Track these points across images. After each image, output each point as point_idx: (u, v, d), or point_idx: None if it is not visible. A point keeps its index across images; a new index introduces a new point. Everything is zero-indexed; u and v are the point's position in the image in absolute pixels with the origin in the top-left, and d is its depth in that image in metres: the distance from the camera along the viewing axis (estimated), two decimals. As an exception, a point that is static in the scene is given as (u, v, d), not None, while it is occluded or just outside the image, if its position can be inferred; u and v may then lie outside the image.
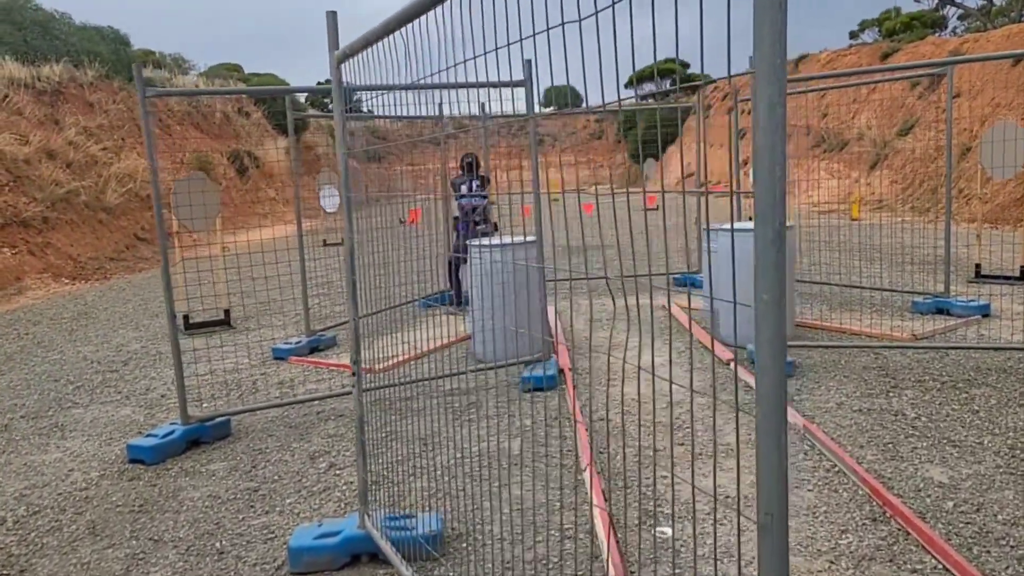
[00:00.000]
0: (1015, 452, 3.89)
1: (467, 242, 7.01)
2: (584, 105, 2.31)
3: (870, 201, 20.41)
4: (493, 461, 4.26)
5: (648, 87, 54.57)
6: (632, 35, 1.57)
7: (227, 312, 8.41)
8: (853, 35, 40.59)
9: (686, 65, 56.32)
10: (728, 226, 6.40)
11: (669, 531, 3.37)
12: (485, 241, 6.33)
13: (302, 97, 50.34)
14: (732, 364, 5.76)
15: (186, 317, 8.13)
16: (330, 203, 17.66)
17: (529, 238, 5.99)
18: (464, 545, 3.34)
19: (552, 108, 59.28)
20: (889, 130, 22.29)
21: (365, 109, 7.83)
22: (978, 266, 8.60)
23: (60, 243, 14.52)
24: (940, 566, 2.92)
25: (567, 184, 51.02)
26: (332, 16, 2.94)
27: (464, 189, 8.08)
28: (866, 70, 14.03)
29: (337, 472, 4.23)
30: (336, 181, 18.52)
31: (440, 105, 8.81)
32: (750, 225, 6.21)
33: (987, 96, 19.10)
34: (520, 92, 5.65)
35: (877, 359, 5.75)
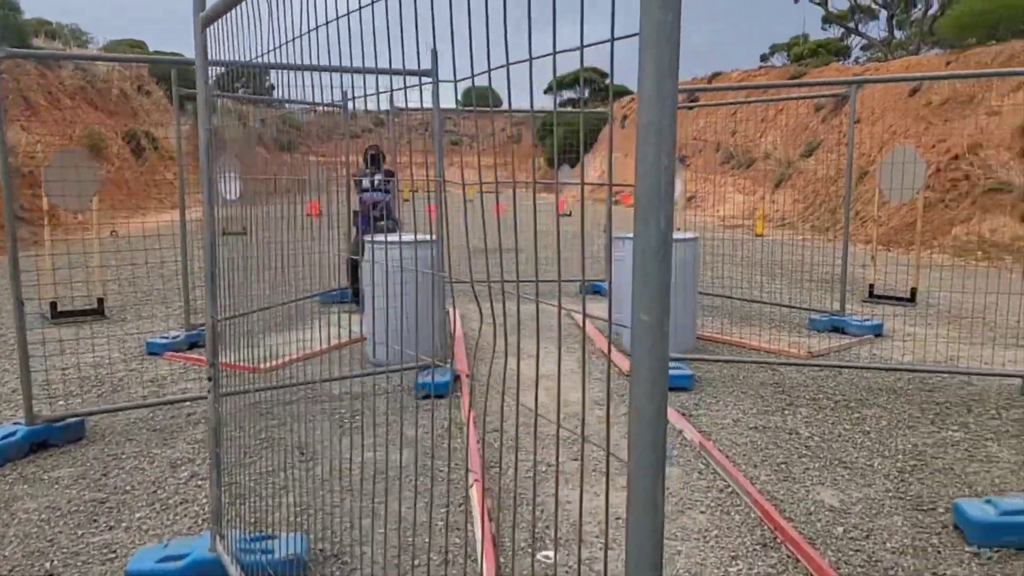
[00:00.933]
0: (904, 476, 3.87)
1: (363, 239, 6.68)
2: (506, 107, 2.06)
3: (774, 218, 21.00)
4: (376, 473, 3.96)
5: (568, 94, 55.02)
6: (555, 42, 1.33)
7: (100, 301, 7.78)
8: (764, 58, 42.08)
9: (604, 75, 57.21)
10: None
11: (552, 556, 3.16)
12: (380, 237, 6.01)
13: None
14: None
15: (53, 304, 7.48)
16: (230, 190, 16.88)
17: (427, 237, 5.71)
18: (331, 570, 3.04)
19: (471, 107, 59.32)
20: (794, 151, 23.02)
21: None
22: (872, 286, 8.81)
23: (-76, 218, 13.32)
24: (830, 598, 2.80)
25: (485, 187, 51.01)
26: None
27: (366, 183, 7.72)
28: (773, 84, 14.37)
29: (200, 483, 3.85)
30: (237, 167, 17.76)
31: (345, 93, 8.44)
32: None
33: (886, 123, 19.93)
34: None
35: (774, 375, 5.72)
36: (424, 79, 5.24)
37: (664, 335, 0.96)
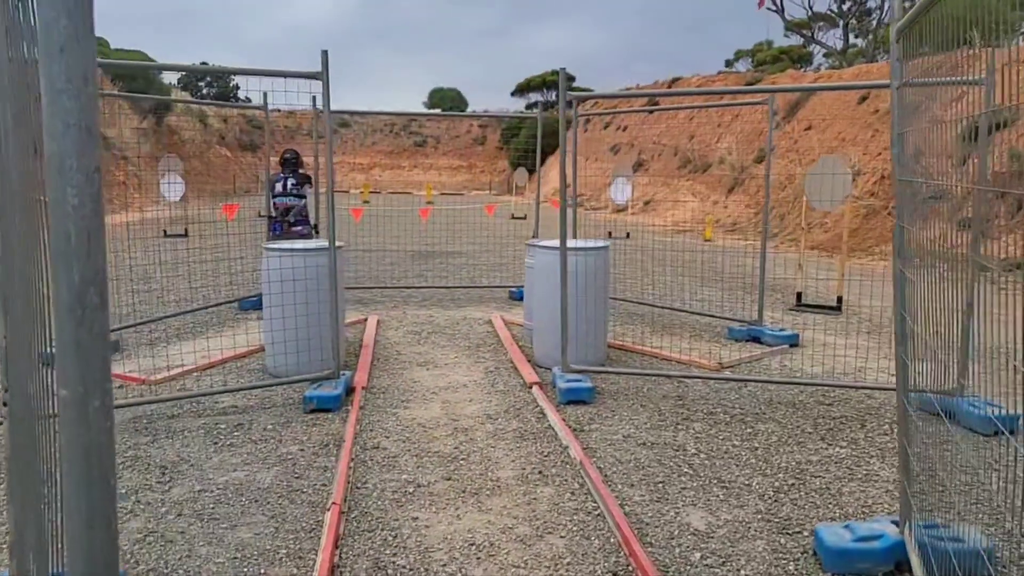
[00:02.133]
0: (778, 495, 3.77)
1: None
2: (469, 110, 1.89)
3: (726, 223, 21.05)
4: (235, 495, 3.79)
5: (534, 97, 54.92)
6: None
7: None
8: (728, 63, 42.37)
9: (572, 78, 57.24)
10: (547, 243, 6.18)
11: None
12: (277, 244, 5.83)
13: (173, 78, 47.71)
14: (534, 389, 5.51)
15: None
16: (172, 191, 16.56)
17: (323, 243, 5.54)
18: (148, 605, 2.86)
19: (438, 110, 58.21)
20: (748, 156, 23.12)
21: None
22: (799, 295, 8.78)
23: None
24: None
25: (447, 188, 50.59)
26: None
27: (279, 187, 7.51)
28: (697, 92, 14.48)
29: (40, 507, 3.63)
30: (179, 168, 17.41)
31: (266, 94, 8.24)
32: (578, 243, 6.00)
33: (835, 130, 20.08)
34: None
35: (679, 387, 5.63)
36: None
37: (102, 409, 0.80)
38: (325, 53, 5.06)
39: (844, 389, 5.42)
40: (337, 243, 5.77)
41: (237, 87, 55.47)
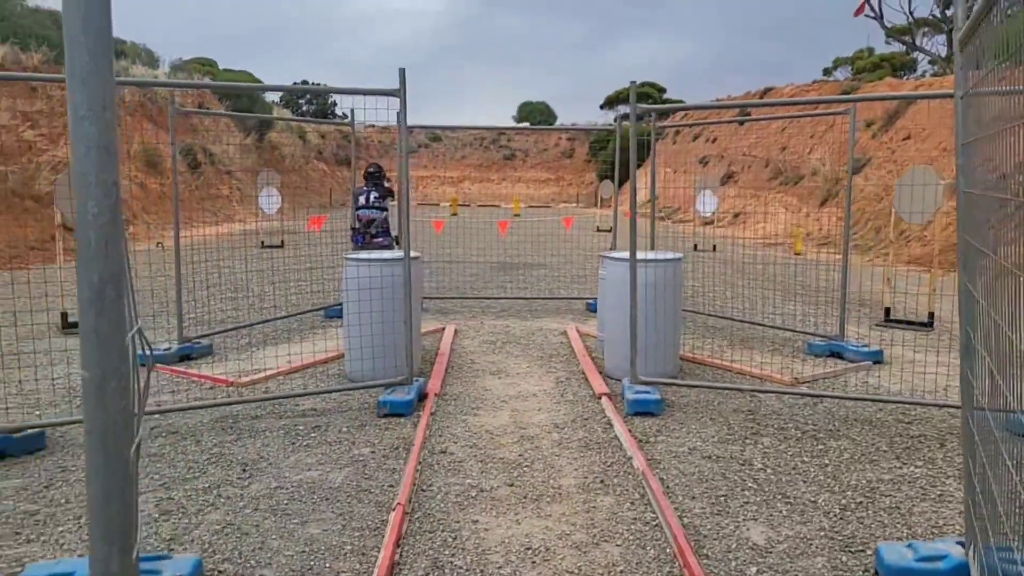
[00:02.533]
0: (845, 513, 3.69)
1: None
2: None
3: (818, 236, 20.45)
4: (307, 493, 3.97)
5: (624, 109, 54.71)
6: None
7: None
8: (827, 71, 41.10)
9: (662, 90, 56.76)
10: (618, 255, 6.20)
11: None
12: (357, 255, 6.06)
13: (275, 96, 49.79)
14: (602, 400, 5.54)
15: (64, 315, 7.75)
16: (269, 204, 17.31)
17: (399, 254, 5.72)
18: (220, 591, 3.05)
19: (526, 124, 58.62)
20: (841, 167, 22.39)
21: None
22: (888, 310, 8.48)
23: (-22, 227, 14.01)
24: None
25: (535, 200, 50.89)
26: None
27: (362, 200, 7.80)
28: (768, 103, 14.15)
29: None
30: (276, 182, 18.17)
31: (353, 110, 8.56)
32: (650, 255, 6.02)
33: (936, 140, 19.27)
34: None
35: (751, 402, 5.55)
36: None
37: (118, 390, 0.91)
38: (402, 71, 5.26)
39: (926, 407, 5.23)
40: (414, 254, 5.96)
41: (335, 104, 57.47)
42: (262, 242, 17.34)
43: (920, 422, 5.05)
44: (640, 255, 5.66)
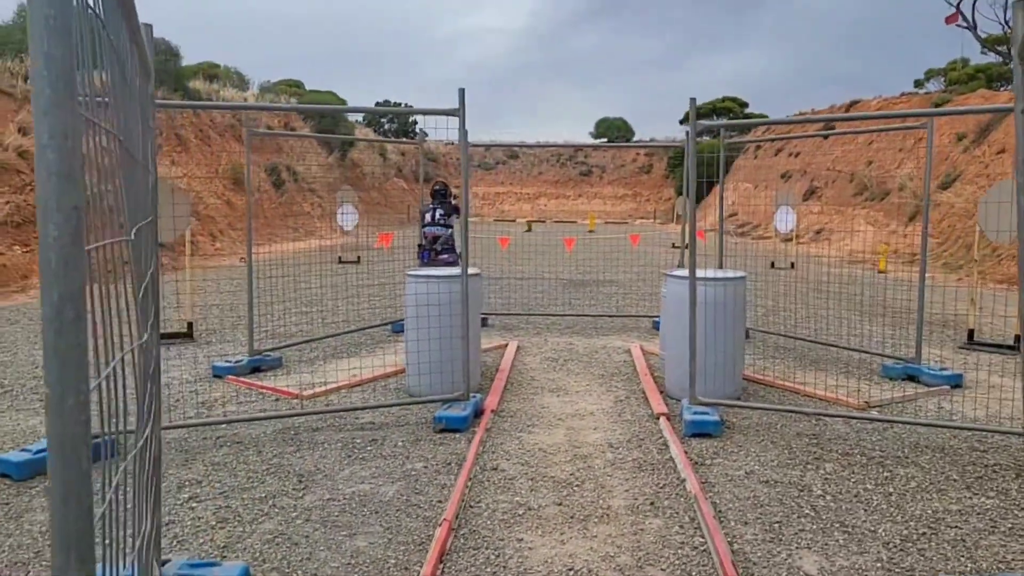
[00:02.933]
0: (906, 545, 3.52)
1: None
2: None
3: (905, 254, 19.67)
4: (358, 506, 4.04)
5: (702, 124, 53.86)
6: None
7: (190, 324, 8.36)
8: (918, 83, 39.58)
9: (744, 104, 55.83)
10: (680, 273, 6.12)
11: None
12: (418, 271, 6.16)
13: (359, 116, 51.16)
14: (660, 420, 5.46)
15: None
16: (347, 221, 17.74)
17: (456, 271, 5.78)
18: (264, 599, 3.13)
19: (604, 140, 58.43)
20: (931, 183, 21.52)
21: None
22: (971, 332, 8.08)
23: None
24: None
25: (611, 216, 50.65)
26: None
27: (428, 217, 7.93)
28: (837, 117, 13.72)
29: (194, 505, 4.05)
30: (354, 199, 18.64)
31: (415, 124, 8.72)
32: (711, 273, 5.92)
33: (1034, 152, 18.30)
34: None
35: (816, 425, 5.37)
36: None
37: (76, 406, 0.95)
38: (462, 91, 5.34)
39: (1004, 435, 4.95)
40: (473, 270, 6.02)
41: (415, 123, 58.68)
42: (339, 258, 17.78)
43: (996, 450, 4.78)
44: (701, 273, 5.56)
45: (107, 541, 2.00)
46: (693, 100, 5.23)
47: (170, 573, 2.99)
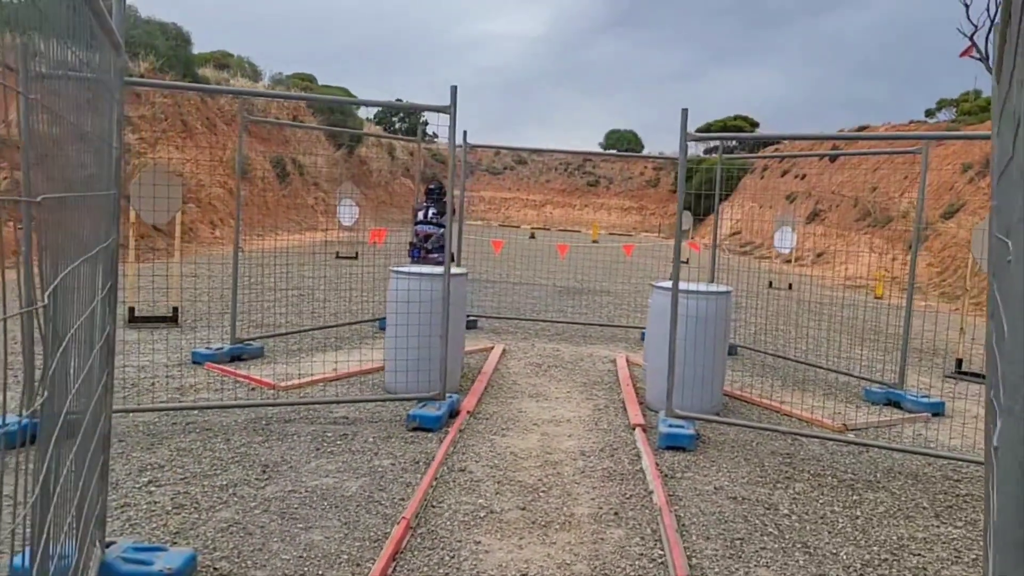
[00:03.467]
0: (866, 570, 3.47)
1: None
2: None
3: (904, 281, 19.61)
4: (319, 499, 4.00)
5: (713, 142, 53.84)
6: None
7: (175, 310, 8.33)
8: (929, 113, 39.51)
9: (755, 124, 55.78)
10: (665, 284, 6.08)
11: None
12: (402, 267, 6.11)
13: (370, 112, 51.18)
14: (636, 431, 5.41)
15: (131, 309, 8.08)
16: (346, 215, 17.71)
17: (456, 270, 5.74)
18: (210, 587, 3.08)
19: (613, 150, 58.16)
20: (935, 211, 21.46)
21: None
22: (959, 360, 8.03)
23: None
24: None
25: (616, 228, 50.59)
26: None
27: (421, 215, 7.90)
28: (842, 136, 13.66)
29: (152, 489, 4.01)
30: (355, 195, 18.61)
31: (425, 125, 8.70)
32: (696, 286, 5.88)
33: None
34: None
35: (792, 445, 5.32)
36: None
37: None
38: (454, 88, 5.31)
39: (979, 465, 4.90)
40: (458, 270, 5.98)
41: (427, 123, 58.68)
42: (337, 253, 17.75)
43: (970, 480, 4.73)
44: (685, 286, 5.52)
45: (32, 520, 1.97)
46: (685, 111, 5.19)
47: (113, 555, 2.95)
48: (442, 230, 7.91)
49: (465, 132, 9.08)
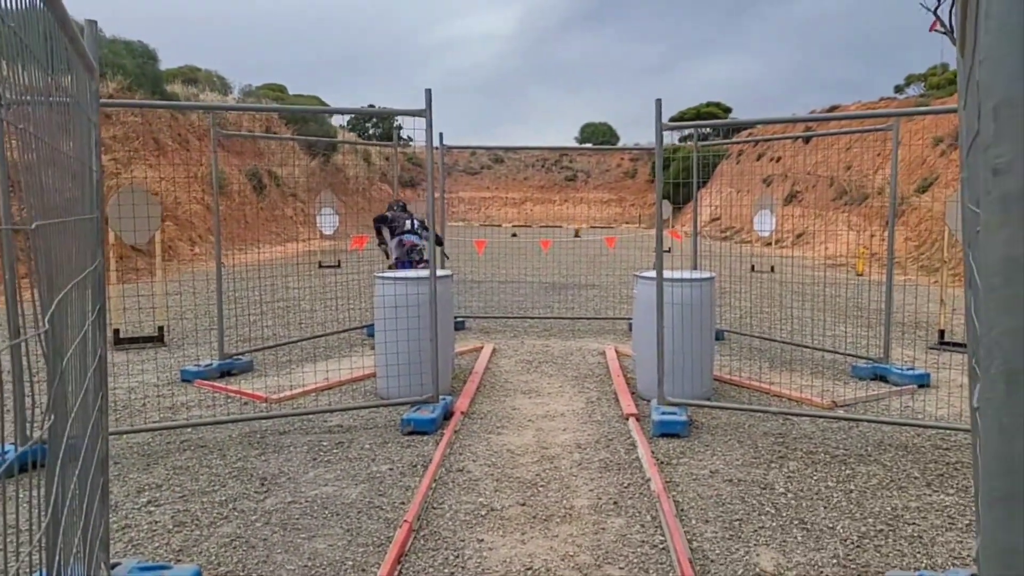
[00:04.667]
0: (863, 541, 3.54)
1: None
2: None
3: (883, 257, 19.82)
4: (320, 508, 4.02)
5: (687, 130, 54.09)
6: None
7: (161, 329, 8.29)
8: (898, 88, 39.90)
9: (728, 110, 56.08)
10: (648, 274, 6.13)
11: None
12: (387, 273, 6.13)
13: (343, 120, 50.97)
14: (630, 421, 5.46)
15: (116, 331, 8.04)
16: (326, 224, 17.67)
17: (441, 273, 5.77)
18: (217, 601, 3.10)
19: (590, 144, 58.46)
20: (909, 186, 21.70)
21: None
22: (942, 332, 8.15)
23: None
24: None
25: (597, 221, 50.73)
26: None
27: (408, 225, 7.90)
28: (813, 118, 13.82)
29: (152, 509, 4.01)
30: (334, 203, 18.56)
31: (400, 129, 8.72)
32: (679, 274, 5.94)
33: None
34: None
35: (783, 425, 5.39)
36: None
37: None
38: (428, 92, 5.33)
39: (967, 433, 4.98)
40: (444, 272, 6.01)
41: (400, 127, 58.57)
42: (319, 262, 17.72)
43: (959, 448, 4.82)
44: (668, 274, 5.58)
45: (46, 544, 1.98)
46: (659, 101, 5.24)
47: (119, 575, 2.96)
48: (424, 242, 7.90)
49: (441, 134, 9.11)
